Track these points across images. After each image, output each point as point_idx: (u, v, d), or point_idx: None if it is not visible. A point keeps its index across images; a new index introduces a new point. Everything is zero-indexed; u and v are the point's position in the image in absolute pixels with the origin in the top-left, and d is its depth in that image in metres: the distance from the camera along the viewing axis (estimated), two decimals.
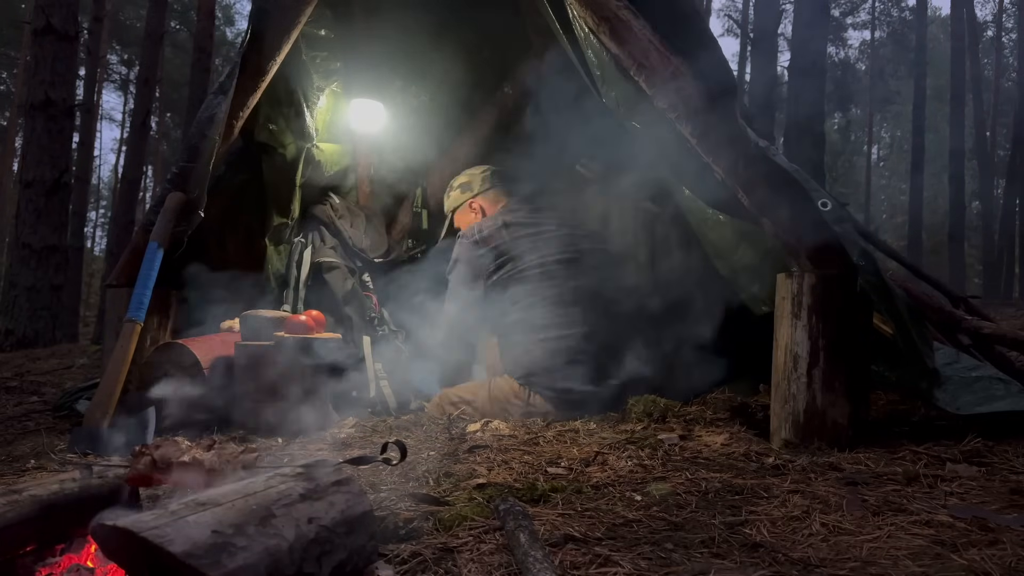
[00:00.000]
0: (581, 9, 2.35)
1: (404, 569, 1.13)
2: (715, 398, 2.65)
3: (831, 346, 1.97)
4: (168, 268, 2.53)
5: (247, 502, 0.97)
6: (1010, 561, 1.12)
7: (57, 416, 2.88)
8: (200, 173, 2.58)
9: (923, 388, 2.09)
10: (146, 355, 2.50)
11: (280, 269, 3.31)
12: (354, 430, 2.36)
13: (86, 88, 13.95)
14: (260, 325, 2.55)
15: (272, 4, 2.63)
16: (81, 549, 1.18)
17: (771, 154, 2.15)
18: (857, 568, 1.12)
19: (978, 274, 20.70)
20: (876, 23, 26.53)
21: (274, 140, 3.12)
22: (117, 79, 26.98)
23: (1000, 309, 8.32)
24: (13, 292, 6.97)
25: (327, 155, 3.56)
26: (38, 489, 1.18)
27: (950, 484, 1.56)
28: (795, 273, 2.04)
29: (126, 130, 25.94)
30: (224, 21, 26.20)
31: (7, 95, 23.04)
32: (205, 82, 10.17)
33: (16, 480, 1.75)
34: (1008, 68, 22.55)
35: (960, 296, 3.16)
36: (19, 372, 4.44)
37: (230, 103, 2.57)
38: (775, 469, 1.74)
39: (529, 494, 1.53)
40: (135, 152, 11.20)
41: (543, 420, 2.46)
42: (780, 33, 14.45)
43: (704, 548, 1.22)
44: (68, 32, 7.31)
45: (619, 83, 2.44)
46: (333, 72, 3.44)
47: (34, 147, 7.08)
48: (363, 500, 1.14)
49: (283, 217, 3.28)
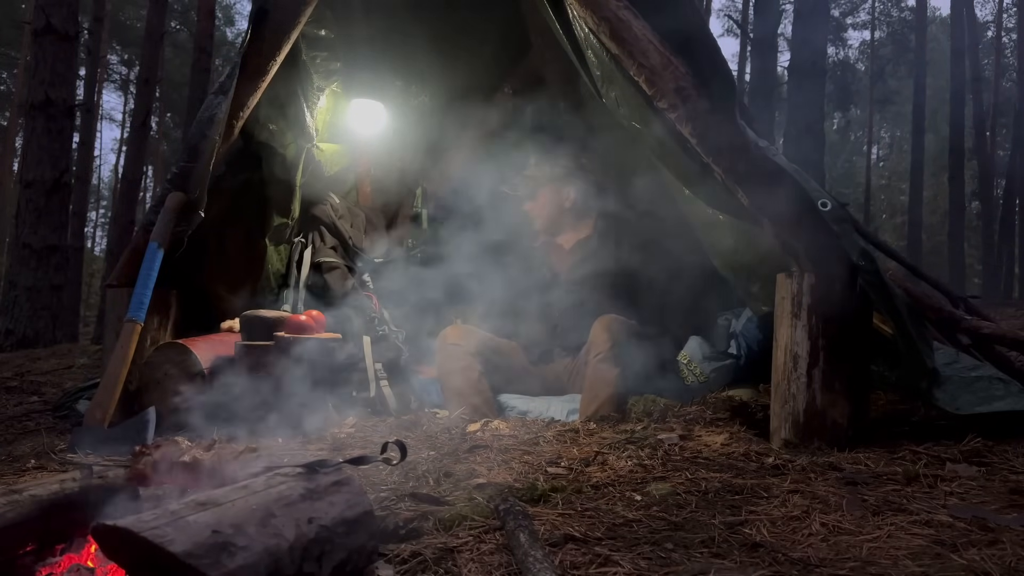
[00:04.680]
0: (581, 9, 2.35)
1: (404, 569, 1.13)
2: (715, 398, 2.65)
3: (831, 346, 1.96)
4: (168, 268, 2.53)
5: (247, 502, 0.97)
6: (1010, 561, 1.12)
7: (57, 416, 2.88)
8: (200, 173, 2.58)
9: (923, 388, 2.09)
10: (146, 355, 2.50)
11: (280, 269, 3.31)
12: (354, 430, 2.36)
13: (86, 88, 13.95)
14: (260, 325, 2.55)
15: (272, 4, 2.63)
16: (81, 549, 1.18)
17: (771, 154, 2.15)
18: (857, 568, 1.12)
19: (978, 274, 20.69)
20: (876, 23, 26.52)
21: (274, 140, 3.12)
22: (117, 79, 27.00)
23: (1000, 309, 8.30)
24: (13, 292, 6.97)
25: (327, 155, 3.56)
26: (38, 489, 1.18)
27: (950, 484, 1.56)
28: (795, 273, 2.04)
29: (126, 130, 25.96)
30: (224, 21, 26.19)
31: (7, 95, 23.03)
32: (205, 82, 10.16)
33: (16, 480, 1.75)
34: (1008, 68, 22.54)
35: (960, 296, 3.15)
36: (19, 372, 4.44)
37: (230, 103, 2.57)
38: (775, 469, 1.74)
39: (529, 494, 1.53)
40: (135, 152, 11.19)
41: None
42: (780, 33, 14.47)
43: (704, 548, 1.22)
44: (68, 32, 7.30)
45: (619, 83, 2.44)
46: (333, 72, 3.44)
47: (34, 147, 7.08)
48: (363, 500, 1.14)
49: (283, 217, 3.28)
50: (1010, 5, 22.86)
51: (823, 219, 2.02)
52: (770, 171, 2.11)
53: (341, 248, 3.49)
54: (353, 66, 3.48)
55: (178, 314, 2.77)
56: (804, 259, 2.07)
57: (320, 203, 3.51)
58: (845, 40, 25.52)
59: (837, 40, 24.08)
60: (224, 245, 3.05)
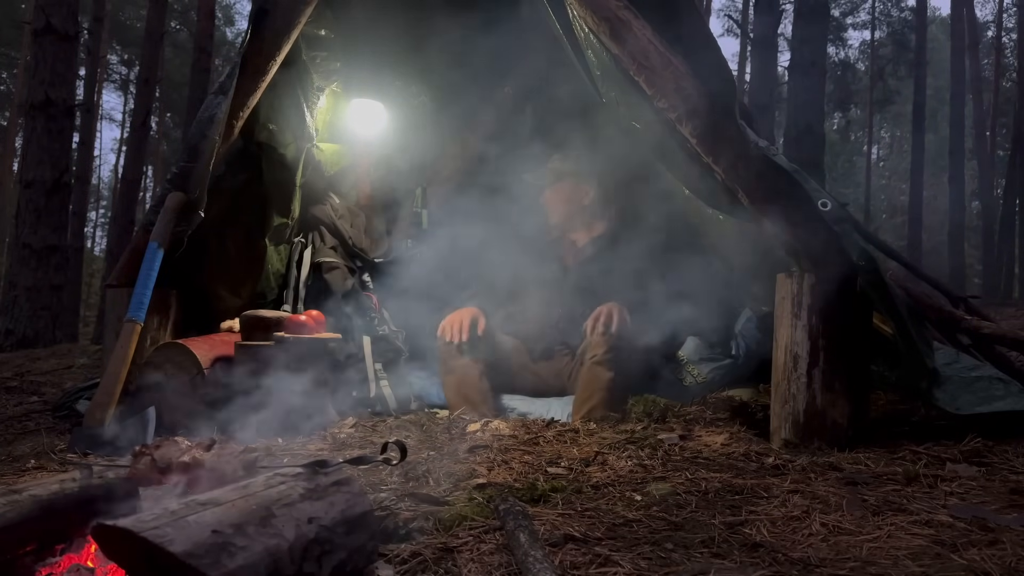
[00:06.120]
0: (581, 9, 2.35)
1: (404, 569, 1.13)
2: (715, 398, 2.65)
3: (831, 346, 1.97)
4: (168, 268, 2.53)
5: (247, 502, 0.97)
6: (1010, 561, 1.12)
7: (57, 416, 2.87)
8: (200, 173, 2.58)
9: (923, 388, 2.09)
10: (146, 355, 2.49)
11: (280, 269, 3.31)
12: (354, 430, 2.36)
13: (86, 88, 13.94)
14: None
15: (272, 4, 2.63)
16: (81, 549, 1.18)
17: (771, 154, 2.15)
18: (857, 568, 1.12)
19: (978, 274, 20.68)
20: (876, 23, 26.48)
21: (274, 140, 3.12)
22: (117, 79, 26.99)
23: (1000, 309, 8.31)
24: (13, 292, 6.97)
25: (327, 155, 3.56)
26: (38, 489, 1.18)
27: (950, 484, 1.56)
28: (795, 273, 2.04)
29: (126, 130, 25.94)
30: (224, 21, 26.18)
31: (7, 95, 23.03)
32: (205, 82, 10.16)
33: (16, 480, 1.75)
34: (1008, 68, 22.52)
35: (960, 296, 3.15)
36: (19, 372, 4.44)
37: (230, 103, 2.57)
38: (775, 469, 1.74)
39: (529, 494, 1.53)
40: (135, 152, 11.19)
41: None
42: (780, 33, 14.44)
43: (704, 548, 1.22)
44: (68, 32, 7.30)
45: (619, 83, 2.44)
46: (333, 72, 3.44)
47: (34, 147, 7.07)
48: (363, 500, 1.14)
49: (283, 217, 3.27)
50: (1010, 5, 22.85)
51: (823, 219, 2.02)
52: (770, 171, 2.11)
53: (341, 248, 3.49)
54: (353, 66, 3.48)
55: (178, 314, 2.77)
56: (804, 259, 2.07)
57: (320, 203, 3.51)
58: (845, 40, 25.47)
59: (837, 40, 24.04)
60: (224, 245, 3.04)
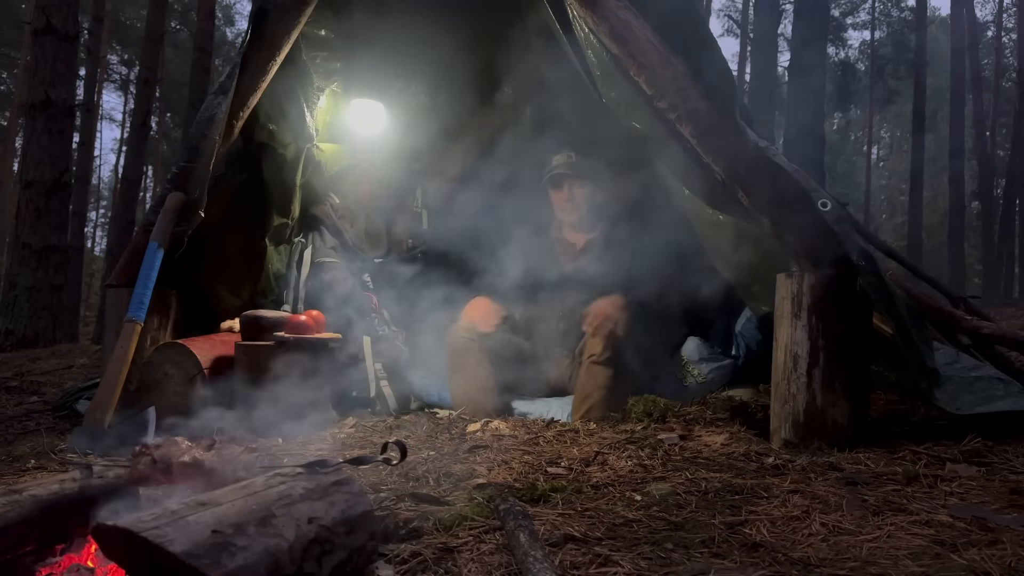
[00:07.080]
0: (581, 9, 2.36)
1: (404, 569, 1.13)
2: (715, 398, 2.65)
3: (831, 346, 1.96)
4: (168, 268, 2.53)
5: (247, 502, 0.97)
6: (1010, 561, 1.12)
7: (57, 416, 2.88)
8: (200, 173, 2.58)
9: (923, 388, 2.09)
10: (146, 355, 2.50)
11: (280, 269, 3.31)
12: (354, 430, 2.36)
13: (86, 88, 13.93)
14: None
15: (272, 4, 2.63)
16: (81, 549, 1.18)
17: (771, 154, 2.15)
18: (857, 568, 1.12)
19: (978, 274, 20.69)
20: (876, 23, 26.48)
21: (274, 140, 3.12)
22: (117, 79, 26.97)
23: (1000, 309, 8.31)
24: (13, 292, 6.97)
25: (327, 155, 3.56)
26: (38, 489, 1.18)
27: (950, 484, 1.56)
28: (795, 273, 2.03)
29: (126, 130, 25.95)
30: (224, 21, 26.16)
31: (7, 95, 23.02)
32: (205, 82, 10.15)
33: (16, 480, 1.75)
34: (1008, 68, 22.52)
35: (960, 296, 3.16)
36: (19, 372, 4.44)
37: (230, 103, 2.57)
38: (775, 469, 1.74)
39: (529, 494, 1.53)
40: (135, 152, 11.19)
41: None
42: (780, 33, 14.44)
43: (704, 548, 1.22)
44: (68, 32, 7.30)
45: (619, 83, 2.44)
46: (333, 72, 3.44)
47: (34, 147, 7.07)
48: (363, 500, 1.14)
49: (283, 217, 3.27)
50: (1010, 5, 22.87)
51: (823, 219, 2.02)
52: (770, 171, 2.11)
53: (341, 248, 3.49)
54: (353, 66, 3.48)
55: (178, 314, 2.77)
56: (804, 259, 2.07)
57: (320, 203, 3.51)
58: (845, 40, 25.44)
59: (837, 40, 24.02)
60: (224, 245, 3.05)
